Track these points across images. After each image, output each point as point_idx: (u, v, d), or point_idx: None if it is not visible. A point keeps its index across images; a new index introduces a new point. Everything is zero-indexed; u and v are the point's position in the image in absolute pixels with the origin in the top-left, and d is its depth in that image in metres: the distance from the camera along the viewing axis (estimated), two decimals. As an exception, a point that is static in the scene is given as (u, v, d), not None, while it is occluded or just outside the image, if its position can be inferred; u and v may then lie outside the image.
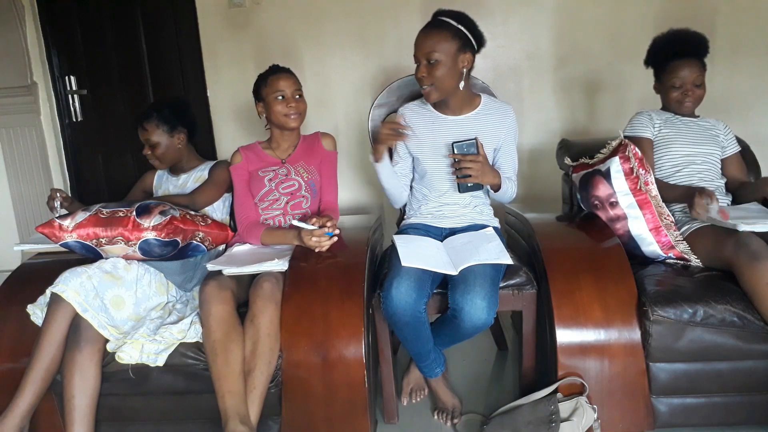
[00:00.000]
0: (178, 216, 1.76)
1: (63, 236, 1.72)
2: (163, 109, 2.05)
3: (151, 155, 2.06)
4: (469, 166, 1.77)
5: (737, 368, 1.62)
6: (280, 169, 2.01)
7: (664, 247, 1.79)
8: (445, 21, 1.80)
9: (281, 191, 1.99)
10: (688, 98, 2.00)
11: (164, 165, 2.10)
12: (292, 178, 2.00)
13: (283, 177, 2.00)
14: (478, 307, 1.58)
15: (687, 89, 2.00)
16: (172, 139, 2.05)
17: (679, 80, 2.00)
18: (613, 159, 1.83)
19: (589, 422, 1.58)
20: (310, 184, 2.01)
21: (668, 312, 1.58)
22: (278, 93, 1.95)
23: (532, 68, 2.94)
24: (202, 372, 1.63)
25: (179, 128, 2.06)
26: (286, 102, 1.96)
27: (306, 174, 2.01)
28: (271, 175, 2.00)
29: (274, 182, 1.99)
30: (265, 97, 1.99)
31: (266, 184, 1.99)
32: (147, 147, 2.05)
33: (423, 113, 1.95)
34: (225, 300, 1.62)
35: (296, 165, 2.03)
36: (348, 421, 1.64)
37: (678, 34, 2.02)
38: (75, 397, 1.57)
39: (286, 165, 2.03)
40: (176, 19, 3.09)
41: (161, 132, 2.03)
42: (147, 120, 2.02)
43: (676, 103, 2.03)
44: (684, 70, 1.99)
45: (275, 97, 1.96)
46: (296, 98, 1.98)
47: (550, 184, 2.68)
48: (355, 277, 1.70)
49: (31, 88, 3.19)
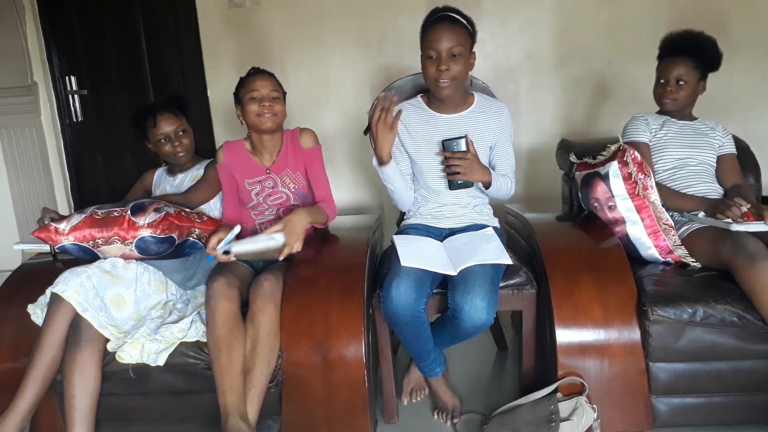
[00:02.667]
0: (173, 212, 1.76)
1: (59, 239, 1.72)
2: (175, 101, 2.06)
3: (179, 146, 2.02)
4: (457, 164, 1.78)
5: (737, 368, 1.63)
6: (266, 181, 1.95)
7: (662, 252, 1.80)
8: (459, 18, 1.80)
9: (270, 203, 1.96)
10: (668, 95, 1.99)
11: (189, 156, 2.08)
12: (279, 191, 1.95)
13: (270, 190, 1.95)
14: (478, 307, 1.58)
15: (668, 86, 1.98)
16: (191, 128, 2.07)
17: (664, 76, 1.99)
18: (612, 163, 1.84)
19: (589, 422, 1.58)
20: (298, 193, 1.97)
21: (668, 312, 1.58)
22: (253, 92, 1.87)
23: (532, 68, 2.94)
24: (203, 371, 1.64)
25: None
26: (259, 102, 1.87)
27: (293, 184, 1.95)
28: (257, 189, 1.95)
29: (261, 196, 1.95)
30: (241, 98, 1.92)
31: (253, 198, 1.95)
32: (173, 139, 2.01)
33: (418, 112, 1.95)
34: (231, 298, 1.62)
35: (282, 174, 1.95)
36: (348, 420, 1.64)
37: (685, 33, 2.00)
38: (75, 397, 1.57)
39: (272, 175, 1.95)
40: (176, 20, 3.09)
41: (185, 121, 2.04)
42: (168, 111, 2.01)
43: (658, 100, 2.03)
44: (670, 66, 1.98)
45: (250, 96, 1.87)
46: (271, 98, 1.88)
47: (550, 184, 2.68)
48: (355, 277, 1.70)
49: (32, 88, 3.19)
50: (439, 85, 1.81)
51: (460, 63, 1.78)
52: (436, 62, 1.78)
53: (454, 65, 1.77)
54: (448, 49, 1.76)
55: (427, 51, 1.80)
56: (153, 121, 2.00)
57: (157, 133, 2.01)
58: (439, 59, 1.78)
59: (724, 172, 2.02)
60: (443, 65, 1.77)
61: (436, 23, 1.78)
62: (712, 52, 1.98)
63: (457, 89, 1.85)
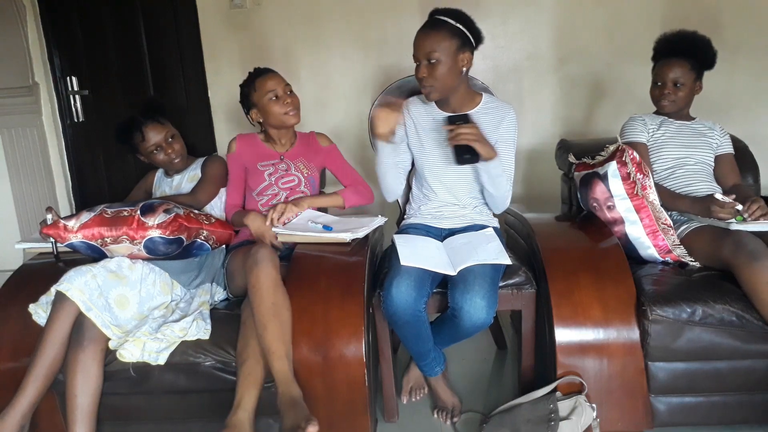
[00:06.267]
0: (182, 214, 1.77)
1: (68, 237, 1.73)
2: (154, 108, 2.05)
3: (171, 153, 2.03)
4: (464, 131, 1.71)
5: (736, 367, 1.63)
6: (279, 164, 2.02)
7: (661, 251, 1.80)
8: (444, 20, 1.79)
9: (281, 186, 2.00)
10: (666, 98, 1.99)
11: (184, 158, 2.08)
12: (292, 173, 2.01)
13: (282, 172, 2.01)
14: (478, 307, 1.59)
15: (666, 88, 1.99)
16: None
17: (660, 78, 2.00)
18: (611, 163, 1.84)
19: (588, 421, 1.58)
20: (309, 180, 2.02)
21: (667, 311, 1.59)
22: (271, 94, 1.93)
23: (532, 68, 2.94)
24: (204, 370, 1.64)
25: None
26: (282, 100, 1.94)
27: (306, 170, 2.02)
28: (270, 170, 2.01)
29: (274, 177, 2.00)
30: (257, 102, 1.96)
31: (266, 178, 2.00)
32: (165, 147, 2.01)
33: (426, 109, 1.96)
34: (276, 266, 1.63)
35: (296, 161, 2.03)
36: (348, 419, 1.65)
37: (679, 34, 2.01)
38: (78, 396, 1.57)
39: (286, 160, 2.03)
40: (177, 20, 3.10)
41: (170, 125, 2.04)
42: (154, 120, 2.00)
43: (655, 101, 2.03)
44: (666, 67, 1.98)
45: (269, 98, 1.93)
46: (289, 94, 1.97)
47: (549, 184, 2.68)
48: (355, 276, 1.70)
49: (33, 89, 3.19)
50: (422, 90, 1.84)
51: (438, 69, 1.77)
52: (418, 68, 1.81)
53: (432, 71, 1.78)
54: (425, 55, 1.78)
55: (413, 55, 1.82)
56: (141, 136, 2.00)
57: (148, 146, 2.01)
58: (420, 65, 1.80)
59: (722, 172, 2.02)
60: (420, 72, 1.80)
61: (421, 29, 1.81)
62: (707, 52, 1.99)
63: (444, 93, 1.85)
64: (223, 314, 1.77)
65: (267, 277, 1.58)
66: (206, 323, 1.70)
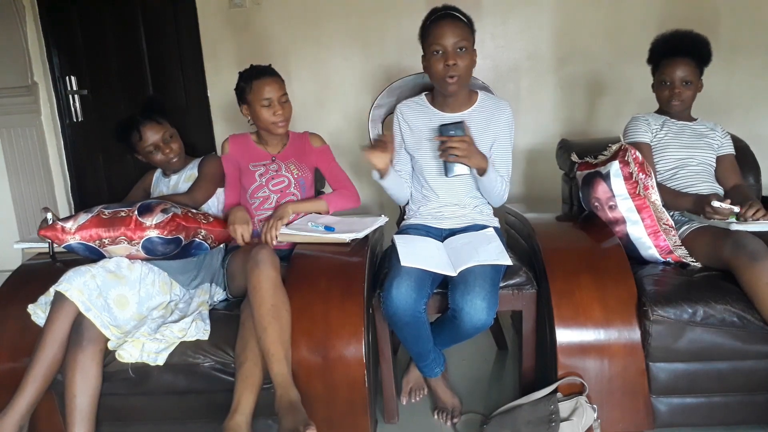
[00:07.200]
0: (180, 213, 1.76)
1: (66, 238, 1.72)
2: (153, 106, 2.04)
3: (169, 152, 2.01)
4: (455, 146, 1.73)
5: (737, 368, 1.63)
6: (270, 165, 2.01)
7: (662, 252, 1.80)
8: (459, 15, 1.80)
9: (271, 188, 1.99)
10: (676, 97, 1.99)
11: (182, 158, 2.07)
12: (283, 174, 2.01)
13: (273, 173, 2.00)
14: (478, 308, 1.58)
15: (675, 87, 1.99)
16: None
17: (669, 77, 2.00)
18: (613, 163, 1.84)
19: (589, 422, 1.58)
20: (299, 181, 2.02)
21: (668, 312, 1.58)
22: (263, 99, 1.91)
23: (532, 68, 2.94)
24: (203, 371, 1.63)
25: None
26: (273, 109, 1.92)
27: (297, 171, 2.02)
28: (261, 170, 2.01)
29: (265, 178, 2.00)
30: (250, 101, 1.95)
31: (257, 179, 2.00)
32: (163, 147, 2.00)
33: (421, 110, 1.95)
34: (276, 267, 1.63)
35: (287, 161, 2.03)
36: (348, 420, 1.64)
37: (677, 33, 2.02)
38: (76, 396, 1.57)
39: (277, 161, 2.02)
40: (177, 20, 3.10)
41: (168, 124, 2.03)
42: (150, 120, 1.99)
43: (665, 102, 2.03)
44: (674, 67, 1.98)
45: (261, 104, 1.92)
46: (282, 103, 1.94)
47: (549, 184, 2.68)
48: (355, 277, 1.70)
49: (32, 88, 3.19)
50: (447, 81, 1.80)
51: (466, 58, 1.78)
52: (443, 58, 1.77)
53: (461, 60, 1.77)
54: (454, 44, 1.76)
55: (432, 47, 1.79)
56: (138, 135, 1.98)
57: (146, 145, 1.99)
58: (446, 54, 1.77)
59: (723, 173, 2.02)
60: (451, 60, 1.76)
61: (439, 20, 1.79)
62: (707, 50, 2.01)
63: (463, 86, 1.85)
64: (222, 315, 1.77)
65: (267, 279, 1.58)
66: (205, 324, 1.69)
